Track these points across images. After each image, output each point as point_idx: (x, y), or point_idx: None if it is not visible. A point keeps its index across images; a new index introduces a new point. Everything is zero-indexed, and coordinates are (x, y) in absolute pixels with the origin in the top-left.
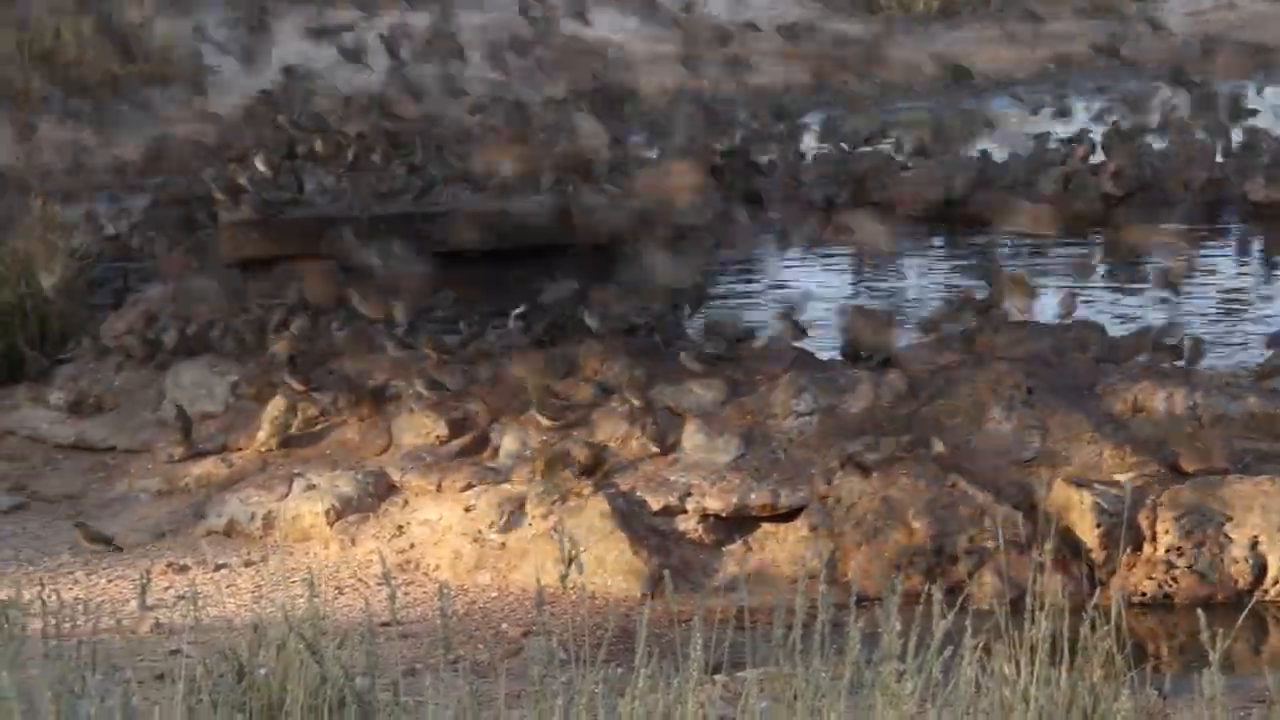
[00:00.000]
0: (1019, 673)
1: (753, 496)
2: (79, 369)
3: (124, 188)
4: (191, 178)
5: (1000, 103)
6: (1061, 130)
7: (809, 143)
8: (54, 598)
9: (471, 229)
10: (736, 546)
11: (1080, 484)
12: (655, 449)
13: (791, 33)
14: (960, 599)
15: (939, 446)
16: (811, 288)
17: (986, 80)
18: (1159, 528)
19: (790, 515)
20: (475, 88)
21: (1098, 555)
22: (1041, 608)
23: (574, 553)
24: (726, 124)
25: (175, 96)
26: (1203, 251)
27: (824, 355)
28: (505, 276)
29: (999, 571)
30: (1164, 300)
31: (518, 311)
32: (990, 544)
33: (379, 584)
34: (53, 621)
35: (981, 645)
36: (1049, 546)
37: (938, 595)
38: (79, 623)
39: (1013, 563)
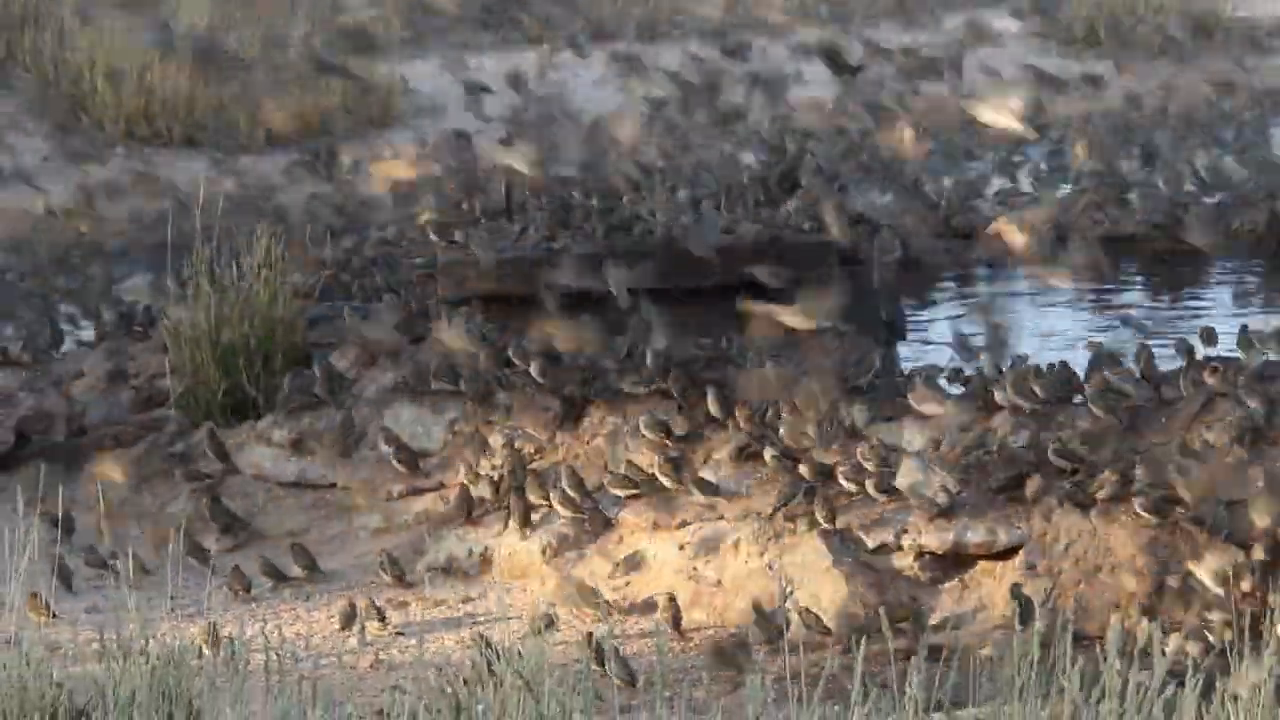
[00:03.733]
0: (1242, 713)
1: (970, 534)
2: (301, 407)
3: (344, 226)
4: (409, 217)
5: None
6: None
7: None
8: (276, 634)
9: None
10: (953, 584)
11: None
12: (872, 487)
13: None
14: (1183, 637)
15: (1159, 483)
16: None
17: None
18: None
19: (1008, 553)
20: None
21: None
22: (1266, 646)
23: (790, 590)
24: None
25: (393, 139)
26: None
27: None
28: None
29: (1222, 609)
30: None
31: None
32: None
33: (596, 621)
34: (275, 657)
35: (1203, 684)
36: (1272, 585)
37: (1158, 634)
38: (300, 658)
39: (1235, 601)
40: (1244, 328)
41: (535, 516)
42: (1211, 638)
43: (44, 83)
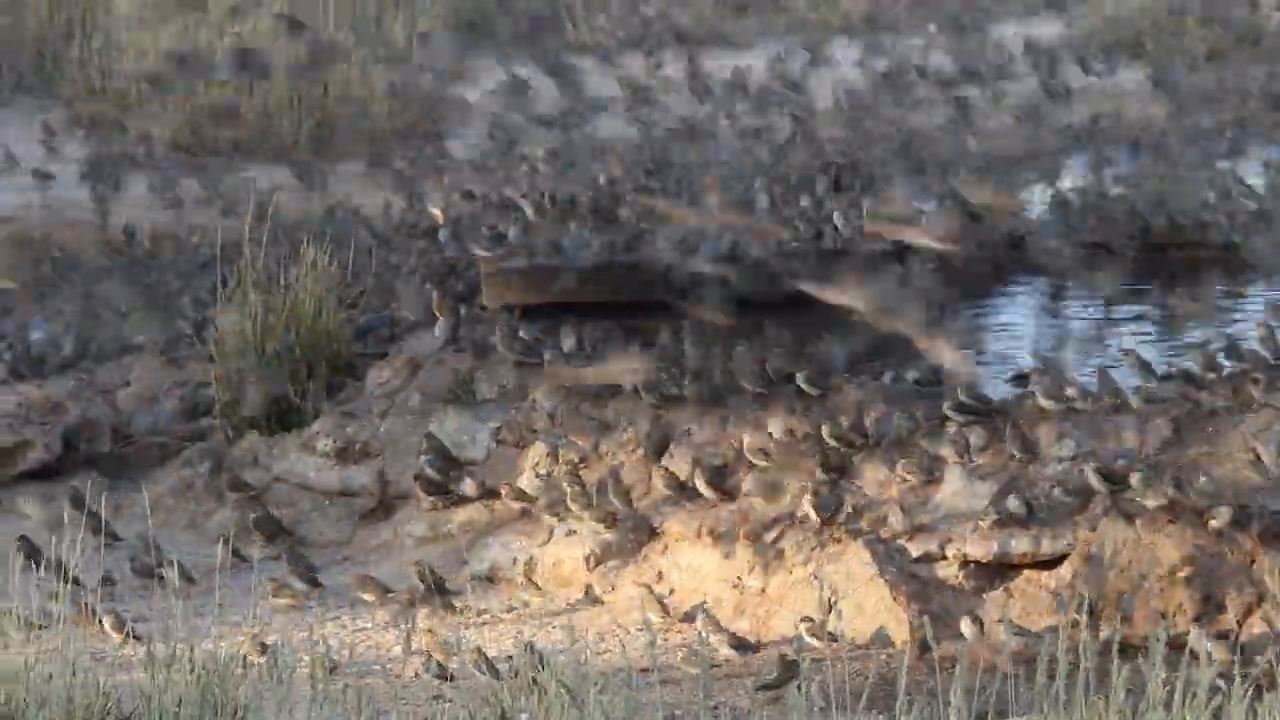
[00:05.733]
0: None
1: (1014, 543)
2: (345, 416)
3: (390, 235)
4: (457, 226)
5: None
6: None
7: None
8: (321, 642)
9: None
10: (998, 593)
11: None
12: (916, 496)
13: None
14: (1229, 647)
15: (1206, 492)
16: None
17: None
18: None
19: (1053, 562)
20: None
21: None
22: None
23: (834, 599)
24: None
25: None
26: None
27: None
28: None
29: (1269, 619)
30: None
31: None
32: (1260, 591)
33: (639, 629)
34: (319, 666)
35: (1251, 694)
36: None
37: (1205, 643)
38: (345, 667)
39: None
40: None
41: (579, 524)
42: (1260, 646)
43: (90, 91)
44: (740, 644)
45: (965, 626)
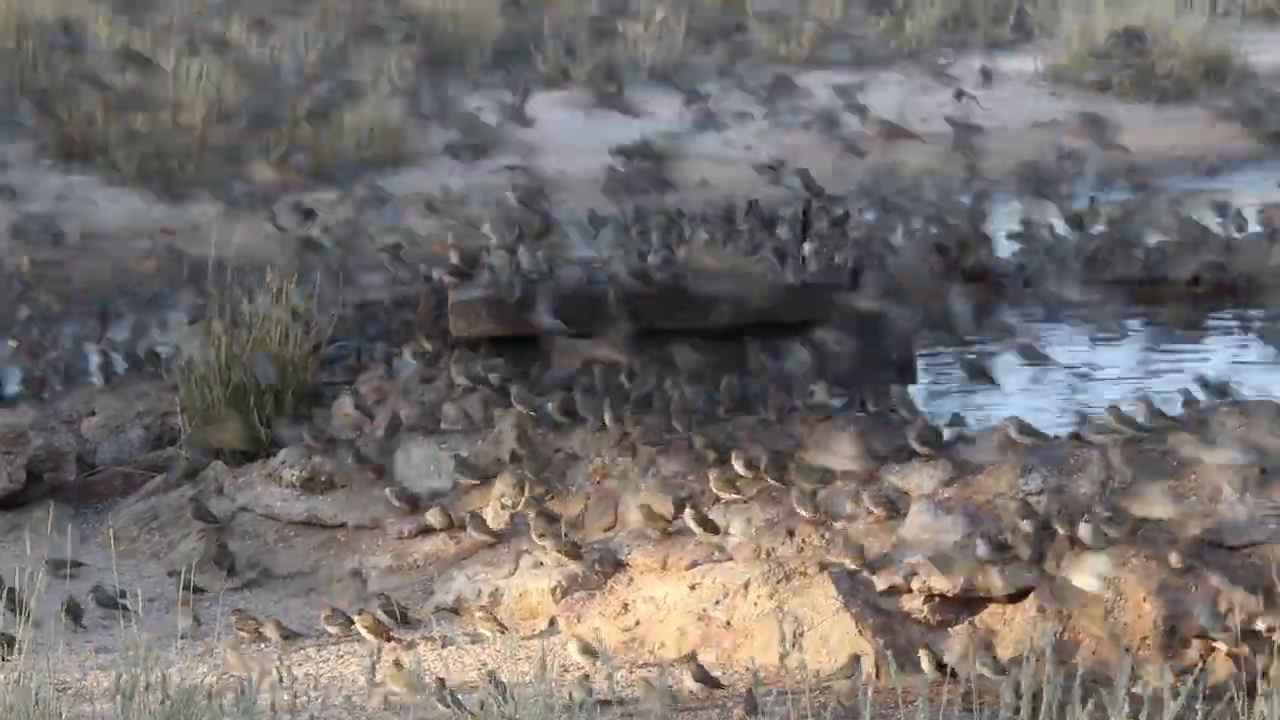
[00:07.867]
0: None
1: (979, 577)
2: (311, 446)
3: (362, 266)
4: (426, 255)
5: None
6: None
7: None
8: (286, 674)
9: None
10: (963, 627)
11: None
12: (880, 529)
13: None
14: (1192, 682)
15: (1170, 527)
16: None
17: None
18: None
19: (1018, 596)
20: None
21: None
22: (1277, 692)
23: (798, 632)
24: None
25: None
26: None
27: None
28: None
29: (1233, 655)
30: None
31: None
32: (1224, 626)
33: (604, 662)
34: (285, 697)
35: None
36: None
37: (1169, 678)
38: (310, 698)
39: (1247, 646)
40: None
41: (545, 556)
42: (1224, 681)
43: (57, 123)
44: (705, 677)
45: (925, 660)
